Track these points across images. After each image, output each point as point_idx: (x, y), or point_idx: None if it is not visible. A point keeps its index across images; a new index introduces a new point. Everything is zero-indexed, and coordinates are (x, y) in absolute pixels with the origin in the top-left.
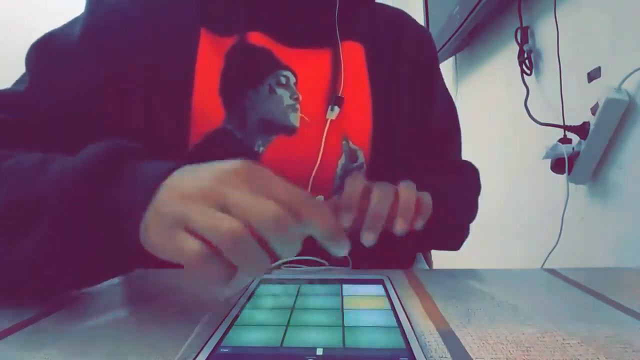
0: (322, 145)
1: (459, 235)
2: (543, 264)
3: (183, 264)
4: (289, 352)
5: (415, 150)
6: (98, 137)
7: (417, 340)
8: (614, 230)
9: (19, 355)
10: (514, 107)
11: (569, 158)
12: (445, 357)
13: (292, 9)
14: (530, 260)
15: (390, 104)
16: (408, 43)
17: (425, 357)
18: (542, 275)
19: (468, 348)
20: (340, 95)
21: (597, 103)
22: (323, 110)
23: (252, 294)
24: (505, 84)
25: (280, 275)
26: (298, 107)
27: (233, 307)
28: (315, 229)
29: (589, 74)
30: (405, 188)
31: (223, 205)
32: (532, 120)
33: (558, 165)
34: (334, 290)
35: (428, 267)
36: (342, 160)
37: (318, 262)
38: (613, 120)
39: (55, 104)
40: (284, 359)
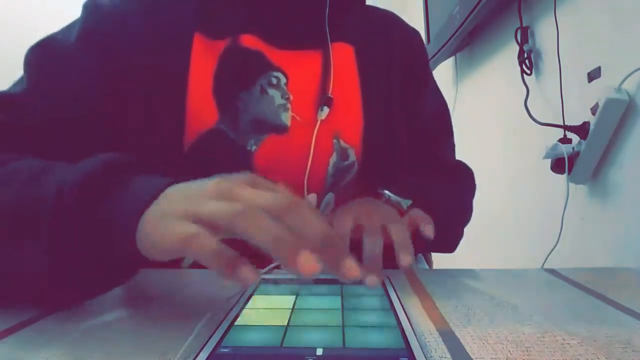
0: (312, 144)
1: (454, 238)
2: (543, 264)
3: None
4: (289, 352)
5: (406, 149)
6: (97, 138)
7: (417, 340)
8: (614, 230)
9: (19, 356)
10: (514, 107)
11: (569, 158)
12: (445, 357)
13: (283, 12)
14: (530, 260)
15: (381, 104)
16: (398, 44)
17: (425, 357)
18: (542, 275)
19: (468, 348)
20: (330, 96)
21: (597, 103)
22: (314, 110)
23: (252, 294)
24: (505, 84)
25: (280, 275)
26: (289, 106)
27: (233, 307)
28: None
29: (589, 74)
30: (395, 227)
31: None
32: (532, 120)
33: (558, 165)
34: (334, 290)
35: (428, 267)
36: (333, 159)
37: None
38: (613, 120)
39: (54, 106)
40: (284, 359)
